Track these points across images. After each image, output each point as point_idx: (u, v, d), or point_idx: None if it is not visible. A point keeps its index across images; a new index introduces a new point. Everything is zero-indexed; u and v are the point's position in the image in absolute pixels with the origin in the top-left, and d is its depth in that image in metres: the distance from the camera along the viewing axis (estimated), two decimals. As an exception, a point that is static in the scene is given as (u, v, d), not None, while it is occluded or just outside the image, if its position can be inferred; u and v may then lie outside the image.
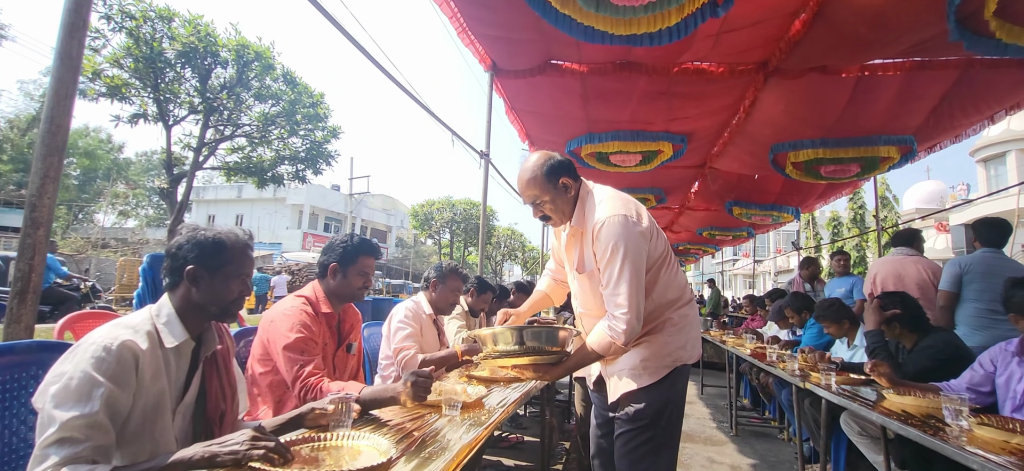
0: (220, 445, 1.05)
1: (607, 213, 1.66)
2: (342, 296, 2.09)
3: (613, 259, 1.62)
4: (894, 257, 3.93)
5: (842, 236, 19.08)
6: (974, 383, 2.10)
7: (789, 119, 4.69)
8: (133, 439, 1.12)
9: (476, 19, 3.60)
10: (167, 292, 1.28)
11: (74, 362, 1.05)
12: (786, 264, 27.48)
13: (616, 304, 1.62)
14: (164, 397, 1.19)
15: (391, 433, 1.40)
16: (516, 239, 38.57)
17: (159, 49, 11.27)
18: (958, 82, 3.95)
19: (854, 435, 2.45)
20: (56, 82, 1.17)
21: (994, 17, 2.65)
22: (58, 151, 1.19)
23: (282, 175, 14.30)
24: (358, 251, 2.08)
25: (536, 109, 5.05)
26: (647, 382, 1.73)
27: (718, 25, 3.31)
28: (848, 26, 3.24)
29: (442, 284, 2.92)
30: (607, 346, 1.67)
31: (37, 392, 1.06)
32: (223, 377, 1.37)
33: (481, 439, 1.44)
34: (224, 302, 1.29)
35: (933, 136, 4.80)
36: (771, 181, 6.99)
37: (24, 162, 18.39)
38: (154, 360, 1.17)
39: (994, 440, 1.52)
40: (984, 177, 19.60)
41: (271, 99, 13.38)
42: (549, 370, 1.80)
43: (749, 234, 11.72)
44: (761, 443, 4.35)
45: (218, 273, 1.27)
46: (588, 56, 3.96)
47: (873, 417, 1.95)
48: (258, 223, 33.23)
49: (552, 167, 1.76)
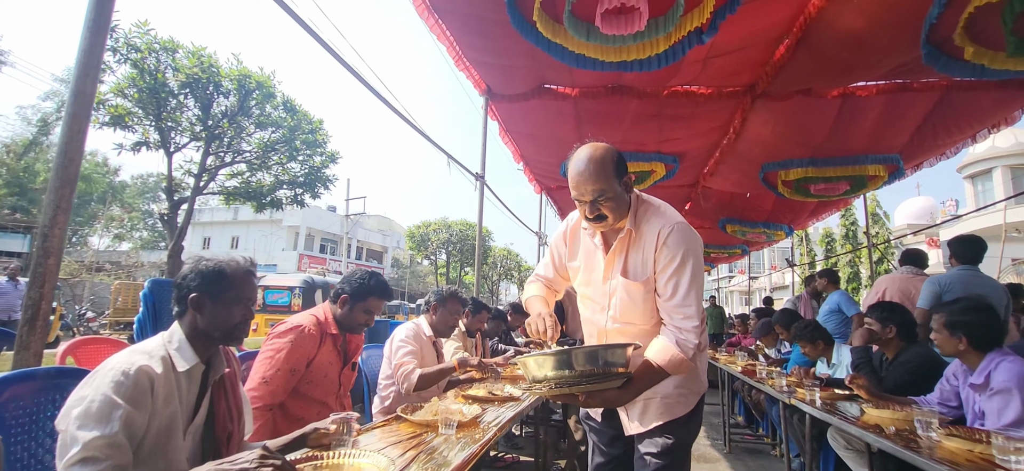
0: (231, 464, 1.10)
1: (676, 219, 1.56)
2: (344, 326, 2.22)
3: (683, 267, 1.50)
4: (903, 275, 3.97)
5: (835, 252, 19.22)
6: (943, 397, 2.21)
7: (777, 139, 4.80)
8: (147, 459, 1.18)
9: (471, 46, 3.70)
10: (177, 320, 1.36)
11: (94, 386, 1.12)
12: (781, 281, 27.58)
13: (686, 316, 1.49)
14: (176, 419, 1.25)
15: (390, 451, 1.44)
16: (512, 259, 38.60)
17: (163, 80, 11.52)
18: (940, 103, 4.07)
19: (841, 449, 2.51)
20: (70, 118, 1.23)
21: (965, 40, 2.76)
22: (70, 183, 1.25)
23: (281, 199, 14.52)
24: (369, 292, 2.22)
25: (530, 131, 5.15)
26: (681, 413, 1.60)
27: (705, 51, 3.42)
28: (830, 51, 3.36)
29: (442, 307, 3.01)
30: (679, 362, 1.48)
31: (60, 414, 1.12)
32: (230, 399, 1.43)
33: (476, 456, 1.50)
34: (227, 327, 1.35)
35: (918, 154, 4.92)
36: (763, 199, 7.11)
37: (20, 186, 18.41)
38: (167, 383, 1.24)
39: (960, 450, 1.62)
40: (972, 193, 19.98)
41: (271, 126, 13.65)
42: (618, 394, 1.48)
43: (744, 251, 11.81)
44: (754, 459, 4.37)
45: (220, 299, 1.34)
46: (580, 80, 4.06)
47: (852, 431, 2.03)
48: (254, 245, 33.15)
49: (621, 159, 1.57)
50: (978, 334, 2.06)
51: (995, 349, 2.04)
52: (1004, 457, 1.43)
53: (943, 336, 2.14)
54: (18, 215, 17.60)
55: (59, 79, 18.12)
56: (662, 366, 1.48)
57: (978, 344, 2.06)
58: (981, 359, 2.05)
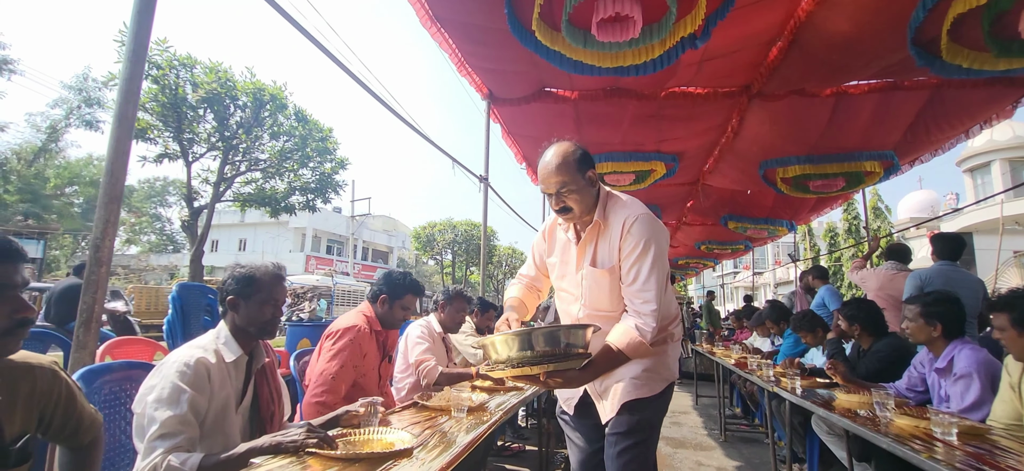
0: (283, 436, 1.36)
1: (640, 209, 1.65)
2: (385, 322, 2.48)
3: (644, 255, 1.57)
4: (886, 270, 4.07)
5: (838, 247, 19.23)
6: (911, 384, 2.44)
7: (775, 138, 4.90)
8: (210, 434, 1.44)
9: (473, 54, 3.82)
10: (222, 318, 1.61)
11: (163, 375, 1.37)
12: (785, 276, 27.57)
13: (644, 301, 1.57)
14: (229, 401, 1.51)
15: (410, 429, 1.64)
16: (516, 258, 38.73)
17: (182, 94, 12.13)
18: (931, 100, 4.16)
19: (824, 435, 2.68)
20: (115, 140, 1.37)
21: (949, 42, 2.86)
22: (117, 199, 1.39)
23: (294, 205, 15.28)
24: (406, 290, 2.48)
25: (531, 133, 5.26)
26: (647, 394, 1.68)
27: (699, 54, 3.52)
28: (821, 52, 3.46)
29: (450, 305, 3.30)
30: (636, 345, 1.56)
31: (136, 399, 1.37)
32: (271, 384, 1.68)
33: (483, 435, 1.70)
34: (260, 323, 1.58)
35: (913, 151, 5.00)
36: (764, 195, 7.19)
37: (31, 193, 18.69)
38: (220, 372, 1.49)
39: (908, 426, 1.88)
40: (971, 186, 19.93)
41: (284, 135, 14.37)
42: (579, 375, 1.54)
43: (747, 247, 11.88)
44: (748, 447, 4.53)
45: (252, 300, 1.57)
46: (579, 84, 4.17)
47: (818, 412, 2.29)
48: (262, 247, 33.40)
49: (584, 155, 1.69)
50: (950, 323, 2.23)
51: (958, 338, 2.22)
52: (941, 431, 1.69)
53: (918, 325, 2.30)
54: (30, 221, 17.86)
55: (67, 86, 18.40)
56: (621, 349, 1.56)
57: (949, 332, 2.23)
58: (946, 346, 2.24)
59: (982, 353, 2.12)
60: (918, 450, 1.57)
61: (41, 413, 1.11)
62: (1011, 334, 1.87)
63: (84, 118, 18.51)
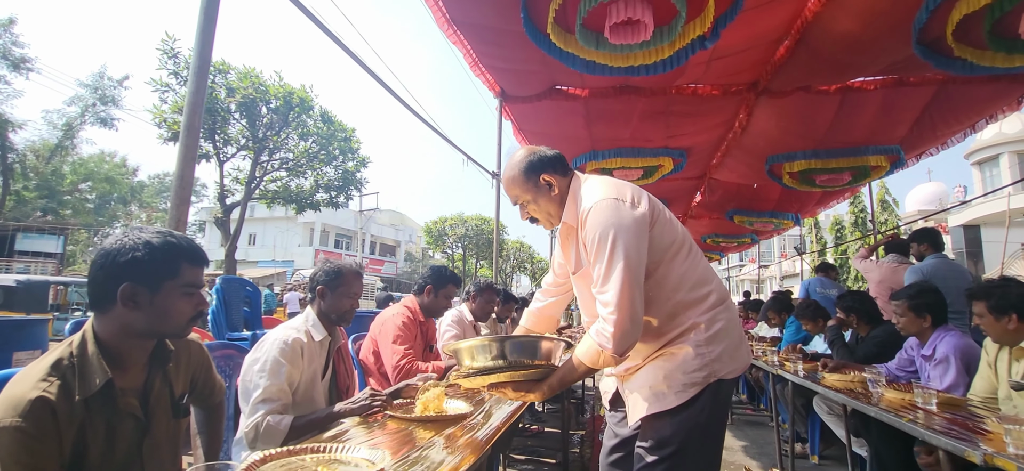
0: (353, 403, 1.68)
1: (596, 198, 1.43)
2: (430, 311, 2.80)
3: (601, 249, 1.36)
4: (888, 263, 4.21)
5: (845, 239, 19.20)
6: (901, 364, 2.71)
7: (781, 133, 4.98)
8: (301, 401, 1.74)
9: (486, 54, 3.94)
10: (310, 305, 1.92)
11: (265, 350, 1.69)
12: (792, 268, 27.51)
13: (604, 303, 1.35)
14: (317, 373, 1.82)
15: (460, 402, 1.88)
16: (525, 251, 38.96)
17: (216, 98, 12.97)
18: (937, 96, 4.23)
19: (824, 415, 2.88)
20: (184, 148, 1.52)
21: (954, 41, 2.95)
22: (186, 202, 1.55)
23: (318, 202, 16.25)
24: (448, 280, 2.82)
25: (542, 130, 5.38)
26: (671, 404, 1.41)
27: (708, 54, 3.62)
28: (827, 50, 3.54)
29: (480, 297, 3.67)
30: (596, 356, 1.37)
31: (243, 368, 1.70)
32: (345, 362, 2.05)
33: (520, 409, 1.91)
34: (340, 311, 1.90)
35: (919, 145, 5.07)
36: (770, 189, 7.26)
37: (48, 189, 19.04)
38: (310, 349, 1.79)
39: (895, 399, 2.11)
40: (979, 179, 19.84)
41: (310, 136, 15.33)
42: (532, 388, 1.45)
43: (753, 240, 11.94)
44: (754, 430, 4.76)
45: (336, 291, 1.89)
46: (590, 82, 4.28)
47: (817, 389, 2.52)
48: (273, 241, 33.74)
49: (531, 164, 1.57)
50: (936, 312, 2.48)
51: (941, 326, 2.47)
52: (923, 401, 1.96)
53: (909, 318, 2.53)
54: (49, 217, 18.19)
55: (83, 84, 18.68)
56: (580, 359, 1.41)
57: (936, 321, 2.48)
58: (931, 334, 2.49)
59: (961, 340, 2.38)
60: (904, 416, 1.82)
61: (193, 377, 1.37)
62: (989, 320, 2.11)
63: (99, 116, 18.79)
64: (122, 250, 1.09)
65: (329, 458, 1.14)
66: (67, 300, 10.10)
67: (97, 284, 1.09)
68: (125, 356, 1.12)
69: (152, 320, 1.11)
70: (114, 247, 1.10)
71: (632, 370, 1.54)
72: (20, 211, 18.42)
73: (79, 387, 1.02)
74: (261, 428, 1.56)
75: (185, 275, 1.15)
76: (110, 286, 1.07)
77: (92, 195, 24.04)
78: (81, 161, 21.64)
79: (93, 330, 1.10)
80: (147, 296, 1.10)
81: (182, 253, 1.15)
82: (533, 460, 3.80)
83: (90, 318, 1.13)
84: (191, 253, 1.17)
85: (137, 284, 1.08)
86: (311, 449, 1.16)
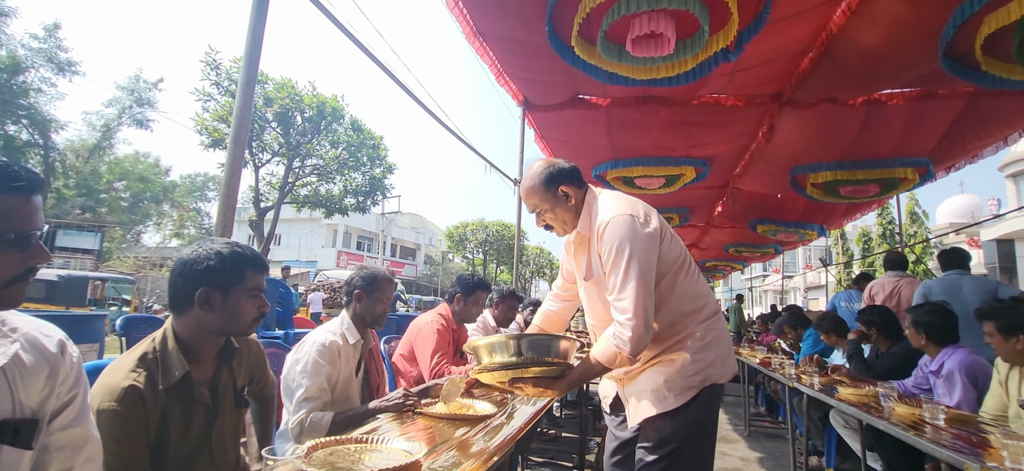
0: (386, 400, 1.83)
1: (612, 213, 1.56)
2: (461, 318, 2.90)
3: (618, 261, 1.49)
4: (887, 278, 4.14)
5: (872, 251, 18.72)
6: (917, 382, 2.73)
7: (806, 144, 4.94)
8: (338, 399, 1.88)
9: (511, 65, 4.03)
10: (345, 308, 2.05)
11: (305, 352, 1.81)
12: (817, 280, 26.90)
13: (621, 309, 1.48)
14: (351, 373, 1.95)
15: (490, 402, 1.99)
16: (544, 257, 39.00)
17: (255, 108, 13.76)
18: (966, 109, 4.16)
19: (840, 428, 2.88)
20: (231, 158, 1.64)
21: (982, 55, 2.92)
22: (232, 208, 1.68)
23: (347, 207, 17.01)
24: (477, 287, 2.92)
25: (564, 138, 5.44)
26: (672, 406, 1.55)
27: (732, 65, 3.64)
28: (851, 63, 3.53)
29: (503, 303, 3.78)
30: (613, 357, 1.49)
31: (285, 367, 1.83)
32: (377, 364, 2.19)
33: (544, 409, 2.03)
34: (374, 315, 2.02)
35: (948, 158, 4.98)
36: (794, 200, 7.16)
37: (87, 188, 19.84)
38: (345, 350, 1.92)
39: (906, 413, 2.15)
40: (1014, 192, 19.09)
41: (341, 144, 16.16)
42: (551, 384, 1.55)
43: (776, 250, 11.77)
44: (770, 442, 4.74)
45: (372, 296, 2.00)
46: (613, 91, 4.33)
47: (832, 403, 2.54)
48: (298, 243, 34.42)
49: (550, 175, 1.68)
50: (933, 332, 2.54)
51: (950, 344, 2.50)
52: (931, 416, 2.01)
53: (911, 333, 2.64)
54: (88, 214, 18.94)
55: (121, 86, 19.45)
56: (598, 360, 1.52)
57: (934, 339, 2.53)
58: (938, 352, 2.53)
59: (968, 356, 2.41)
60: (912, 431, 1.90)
61: (252, 372, 1.50)
62: (998, 339, 2.15)
63: (135, 117, 19.54)
64: (198, 259, 1.24)
65: (371, 448, 1.26)
66: (104, 295, 10.51)
67: (177, 289, 1.25)
68: (199, 352, 1.27)
69: (224, 320, 1.26)
70: (190, 257, 1.25)
71: (632, 373, 1.67)
72: (60, 208, 19.23)
73: (162, 378, 1.18)
74: (306, 423, 1.71)
75: (250, 280, 1.29)
76: (188, 291, 1.23)
77: (127, 193, 24.92)
78: (117, 160, 22.47)
79: (172, 329, 1.25)
80: (219, 299, 1.24)
81: (247, 261, 1.29)
82: (550, 462, 3.85)
83: (168, 318, 1.29)
84: (254, 261, 1.32)
85: (211, 289, 1.23)
86: (355, 440, 1.28)
